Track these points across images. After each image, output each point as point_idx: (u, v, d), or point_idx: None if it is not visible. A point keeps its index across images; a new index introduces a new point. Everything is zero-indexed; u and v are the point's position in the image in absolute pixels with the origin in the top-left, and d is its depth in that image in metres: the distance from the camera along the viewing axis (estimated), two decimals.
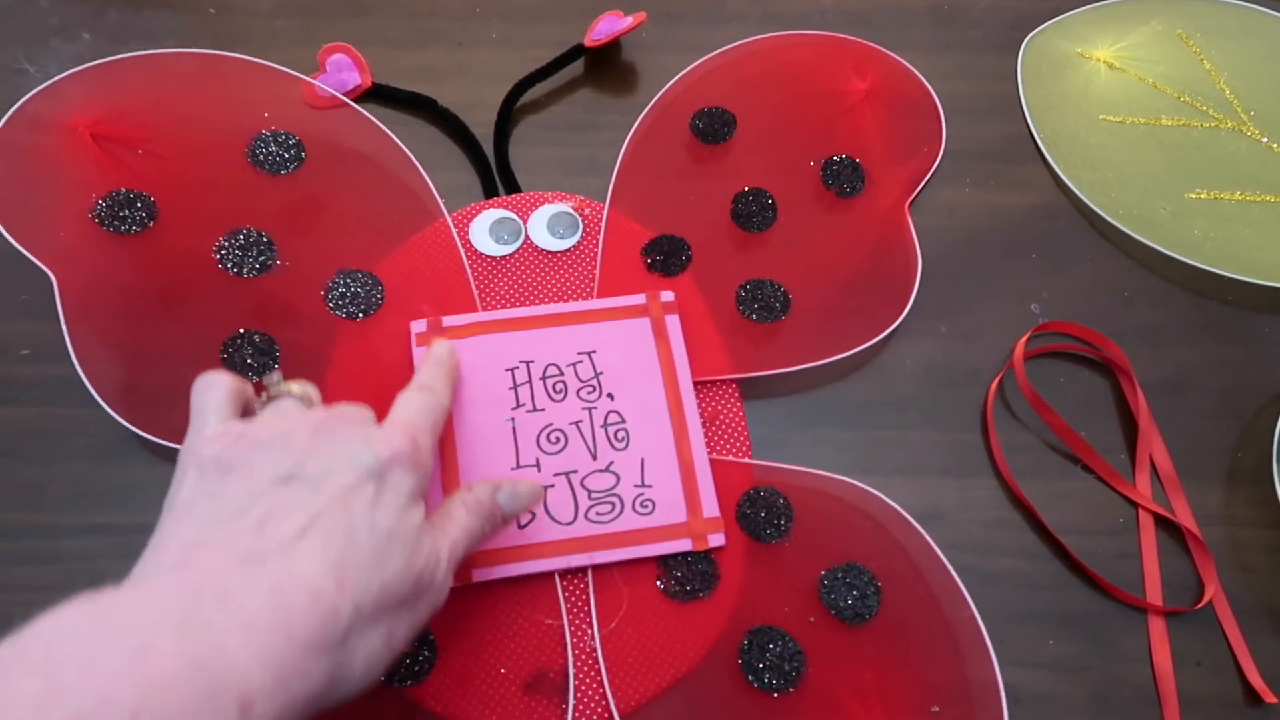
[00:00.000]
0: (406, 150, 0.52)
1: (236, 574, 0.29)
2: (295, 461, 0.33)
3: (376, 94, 0.54)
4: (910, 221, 0.52)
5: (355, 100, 0.54)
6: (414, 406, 0.38)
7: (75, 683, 0.24)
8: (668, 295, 0.48)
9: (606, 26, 0.55)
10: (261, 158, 0.50)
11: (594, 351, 0.47)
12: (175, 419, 0.43)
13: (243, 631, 0.28)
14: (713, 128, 0.54)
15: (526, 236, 0.50)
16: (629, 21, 0.55)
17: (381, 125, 0.52)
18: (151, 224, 0.47)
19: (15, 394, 0.46)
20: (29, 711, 0.24)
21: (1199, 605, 0.43)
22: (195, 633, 0.27)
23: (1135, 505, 0.46)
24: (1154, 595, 0.43)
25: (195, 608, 0.28)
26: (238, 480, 0.32)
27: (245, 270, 0.47)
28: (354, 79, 0.54)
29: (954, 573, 0.43)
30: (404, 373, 0.46)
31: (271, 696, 0.27)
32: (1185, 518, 0.45)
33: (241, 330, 0.46)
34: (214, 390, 0.36)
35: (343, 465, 0.33)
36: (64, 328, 0.44)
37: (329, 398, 0.45)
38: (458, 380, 0.44)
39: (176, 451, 0.42)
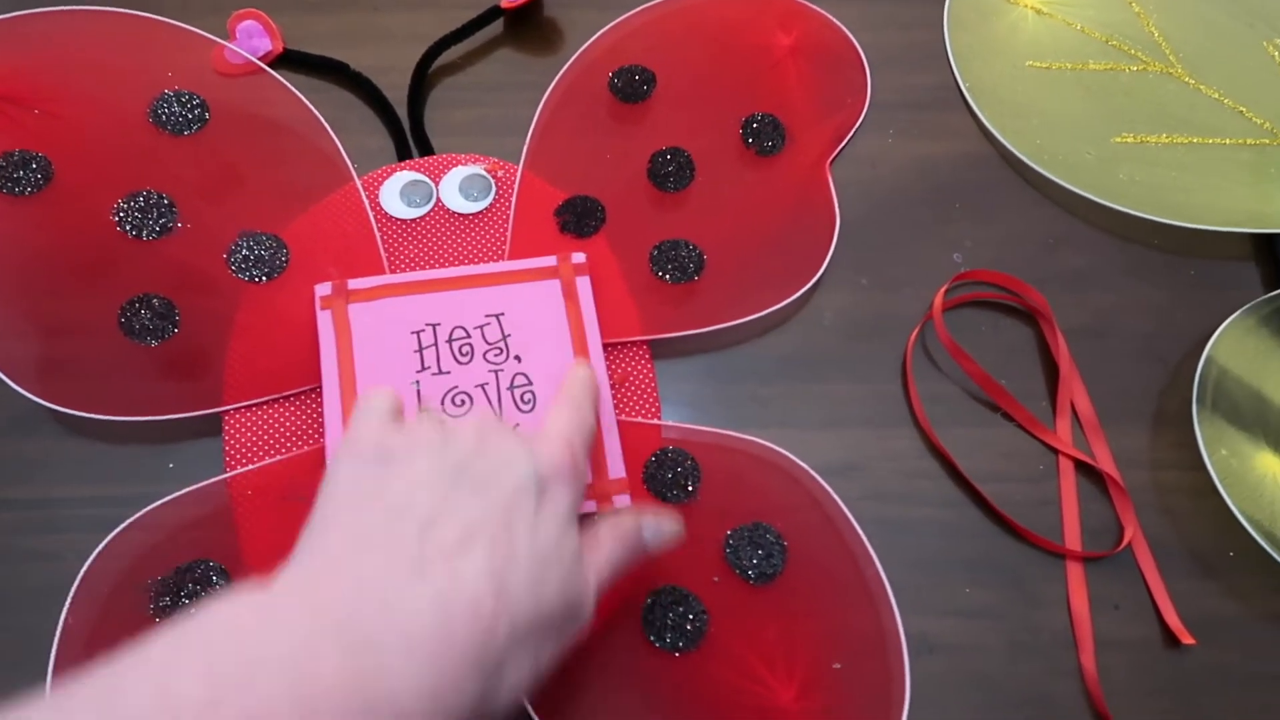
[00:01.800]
0: (317, 114, 0.51)
1: (401, 582, 0.28)
2: (460, 459, 0.32)
3: (288, 60, 0.53)
4: (830, 178, 0.51)
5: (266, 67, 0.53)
6: (569, 422, 0.36)
7: (235, 696, 0.24)
8: (578, 257, 0.47)
9: None
10: (164, 118, 0.49)
11: (502, 314, 0.46)
12: (74, 386, 0.43)
13: (404, 650, 0.27)
14: (632, 86, 0.53)
15: (438, 199, 0.49)
16: None
17: (291, 88, 0.51)
18: (47, 186, 0.47)
19: None
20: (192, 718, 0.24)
21: (1117, 549, 0.42)
22: (356, 650, 0.26)
23: (1056, 452, 0.45)
24: (1073, 541, 0.43)
25: (357, 619, 0.27)
26: (399, 472, 0.31)
27: (145, 233, 0.46)
28: (265, 45, 0.53)
29: (858, 527, 0.42)
30: (308, 336, 0.45)
31: (426, 716, 0.27)
32: (1105, 463, 0.44)
33: (140, 294, 0.45)
34: (377, 396, 0.35)
35: (507, 470, 0.32)
36: None
37: (233, 362, 0.44)
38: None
39: (81, 420, 0.42)
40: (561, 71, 0.53)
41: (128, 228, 0.46)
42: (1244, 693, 0.40)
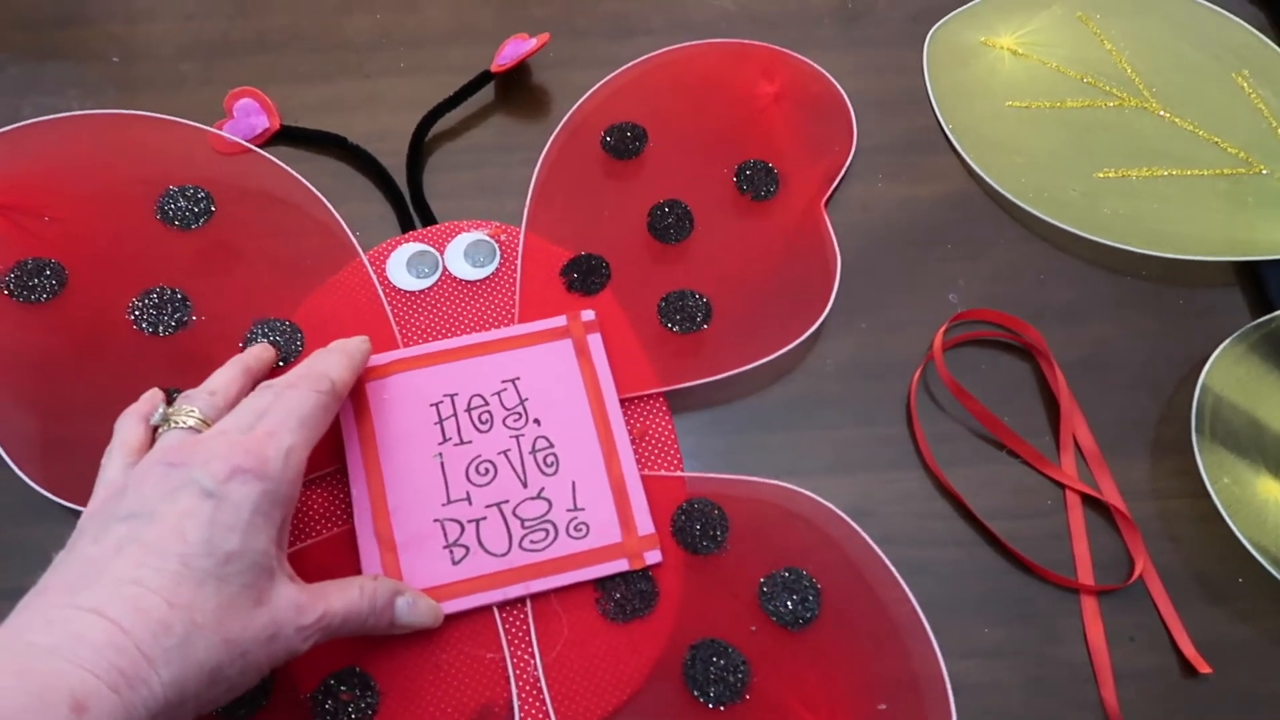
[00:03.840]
0: (316, 191, 0.51)
1: (61, 605, 0.32)
2: (134, 501, 0.35)
3: (286, 135, 0.54)
4: (827, 220, 0.52)
5: (265, 143, 0.53)
6: (276, 411, 0.38)
7: None
8: (588, 314, 0.48)
9: (512, 50, 0.55)
10: (171, 213, 0.50)
11: (518, 378, 0.47)
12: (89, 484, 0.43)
13: (67, 648, 0.30)
14: (624, 143, 0.54)
15: (444, 268, 0.50)
16: (533, 44, 0.55)
17: (288, 168, 0.52)
18: (62, 291, 0.47)
19: None
20: None
21: (1129, 582, 0.44)
22: (19, 654, 0.30)
23: (1062, 486, 0.46)
24: (1085, 575, 0.44)
25: (21, 635, 0.31)
26: (88, 537, 0.34)
27: (161, 329, 0.47)
28: (262, 123, 0.53)
29: (892, 566, 0.43)
30: None
31: (107, 700, 0.29)
32: (1111, 495, 0.46)
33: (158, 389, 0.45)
34: (110, 450, 0.39)
35: (181, 493, 0.34)
36: None
37: None
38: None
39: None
40: (554, 133, 0.54)
41: (144, 325, 0.47)
42: (1264, 716, 0.42)
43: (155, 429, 0.39)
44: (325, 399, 0.39)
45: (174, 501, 0.34)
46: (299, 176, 0.52)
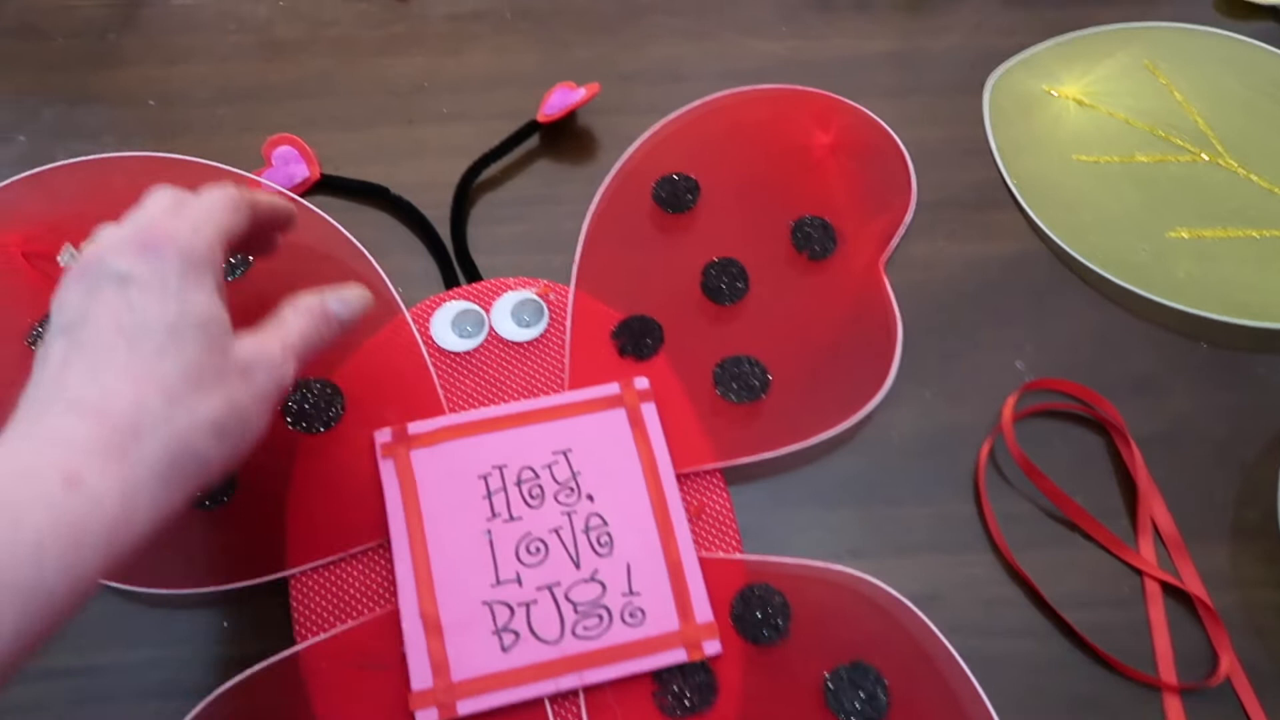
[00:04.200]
0: (358, 244, 0.49)
1: (30, 423, 0.31)
2: (62, 316, 0.33)
3: (326, 184, 0.52)
4: (887, 281, 0.50)
5: (305, 192, 0.52)
6: (182, 206, 0.36)
7: None
8: (642, 382, 0.46)
9: (559, 100, 0.53)
10: None
11: (569, 450, 0.45)
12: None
13: (49, 430, 0.30)
14: (675, 195, 0.52)
15: (490, 328, 0.48)
16: (581, 94, 0.53)
17: (329, 218, 0.50)
18: None
19: None
20: None
21: (1214, 681, 0.42)
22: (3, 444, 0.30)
23: (1140, 573, 0.44)
24: (1167, 671, 0.42)
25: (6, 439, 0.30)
26: (33, 374, 0.33)
27: None
28: (301, 171, 0.52)
29: (962, 661, 0.41)
30: (372, 488, 0.43)
31: (101, 470, 0.29)
32: (1193, 584, 0.44)
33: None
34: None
35: (100, 288, 0.33)
36: None
37: (295, 522, 0.43)
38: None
39: (135, 593, 0.40)
40: (603, 184, 0.52)
41: None
42: None
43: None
44: (236, 198, 0.37)
45: (97, 299, 0.32)
46: (340, 227, 0.50)
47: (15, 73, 0.56)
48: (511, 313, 0.48)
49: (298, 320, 0.37)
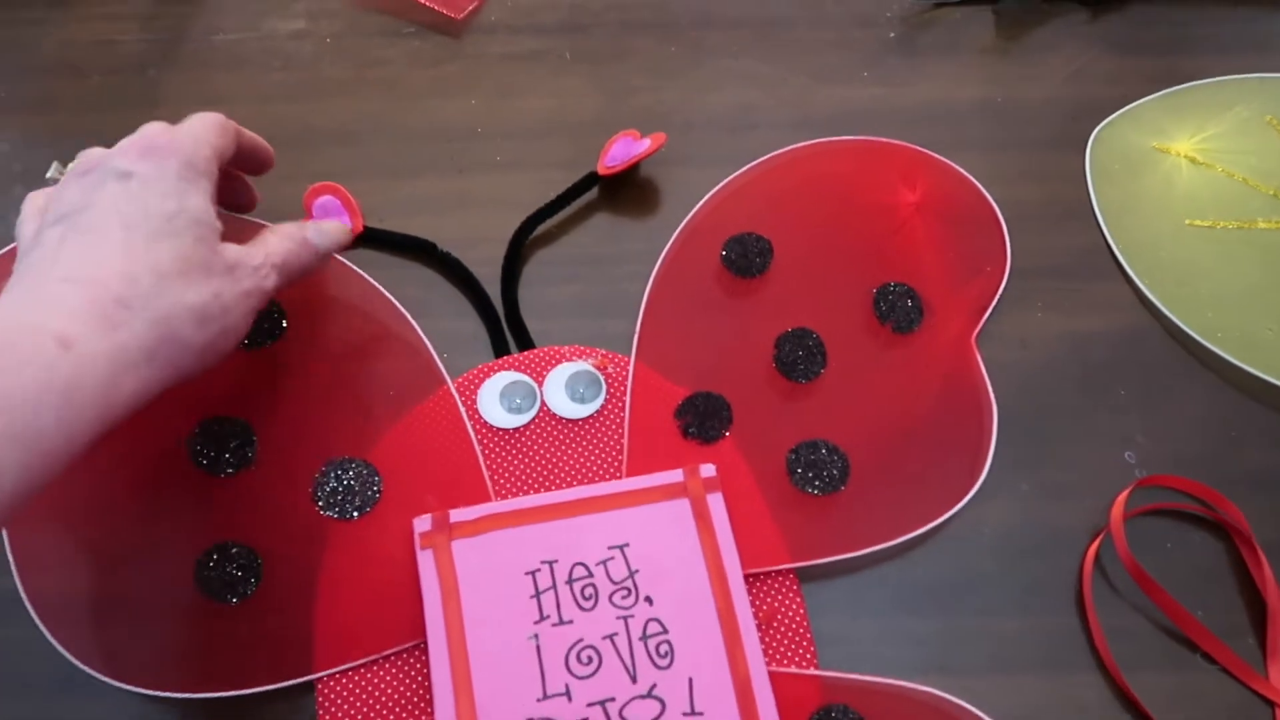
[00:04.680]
0: (400, 306, 0.46)
1: (25, 292, 0.32)
2: (61, 205, 0.34)
3: (369, 238, 0.48)
4: (979, 358, 0.45)
5: (347, 246, 0.48)
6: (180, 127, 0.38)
7: None
8: (708, 469, 0.42)
9: (621, 151, 0.49)
10: None
11: (626, 545, 0.40)
12: (140, 657, 0.37)
13: (44, 297, 0.31)
14: (746, 257, 0.48)
15: (542, 402, 0.44)
16: (646, 145, 0.49)
17: (369, 278, 0.46)
18: None
19: None
20: None
21: None
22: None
23: (1273, 705, 0.39)
24: None
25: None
26: (24, 257, 0.34)
27: (221, 469, 0.41)
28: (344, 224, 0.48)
29: None
30: (408, 582, 0.39)
31: (92, 336, 0.30)
32: None
33: (218, 542, 0.40)
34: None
35: (103, 184, 0.34)
36: (12, 564, 0.39)
37: (323, 618, 0.39)
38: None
39: (147, 696, 0.37)
40: (668, 244, 0.48)
41: (203, 462, 0.41)
42: None
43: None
44: (224, 121, 0.39)
45: (100, 191, 0.34)
46: (380, 288, 0.46)
47: (52, 112, 0.53)
48: (566, 385, 0.44)
49: (279, 241, 0.39)
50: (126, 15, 0.55)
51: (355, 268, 0.47)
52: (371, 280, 0.46)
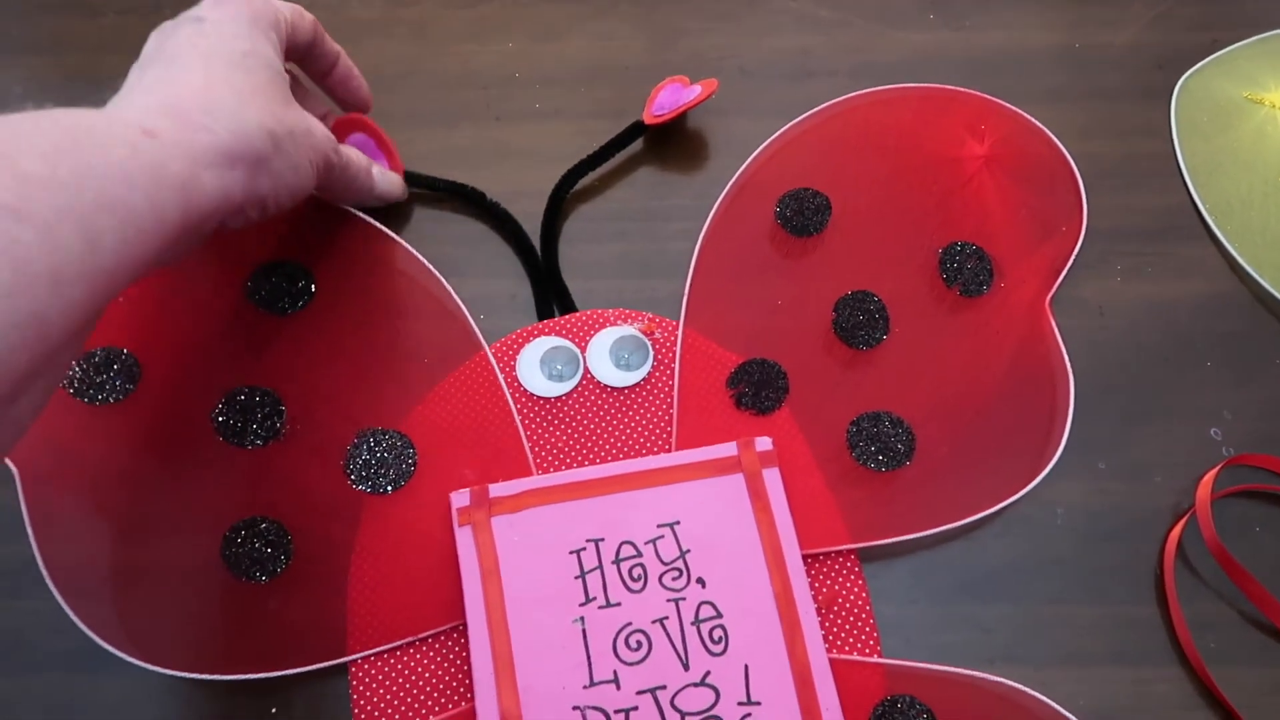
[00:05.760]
0: (433, 269, 0.43)
1: (114, 102, 0.33)
2: (144, 56, 0.35)
3: (411, 182, 0.45)
4: (1054, 325, 0.42)
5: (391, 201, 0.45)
6: None
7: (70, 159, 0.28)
8: (763, 443, 0.39)
9: (669, 98, 0.46)
10: (264, 295, 0.41)
11: (677, 522, 0.38)
12: (166, 637, 0.36)
13: (128, 104, 0.32)
14: (802, 215, 0.44)
15: (585, 369, 0.41)
16: (696, 92, 0.45)
17: (399, 239, 0.44)
18: (134, 389, 0.39)
19: None
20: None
21: None
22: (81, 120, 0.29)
23: None
24: None
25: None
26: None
27: (248, 440, 0.39)
28: (379, 164, 0.44)
29: None
30: (445, 559, 0.37)
31: (174, 131, 0.31)
32: None
33: (246, 518, 0.37)
34: None
35: (180, 29, 0.35)
36: (30, 534, 0.36)
37: (356, 598, 0.37)
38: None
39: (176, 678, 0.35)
40: (718, 200, 0.45)
41: (229, 435, 0.39)
42: None
43: None
44: (303, 11, 0.40)
45: (176, 35, 0.35)
46: (410, 247, 0.43)
47: (64, 54, 0.50)
48: (610, 351, 0.42)
49: (349, 151, 0.40)
50: None
51: (383, 227, 0.44)
52: (402, 242, 0.44)
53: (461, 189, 0.45)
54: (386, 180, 0.43)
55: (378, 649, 0.36)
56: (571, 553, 0.37)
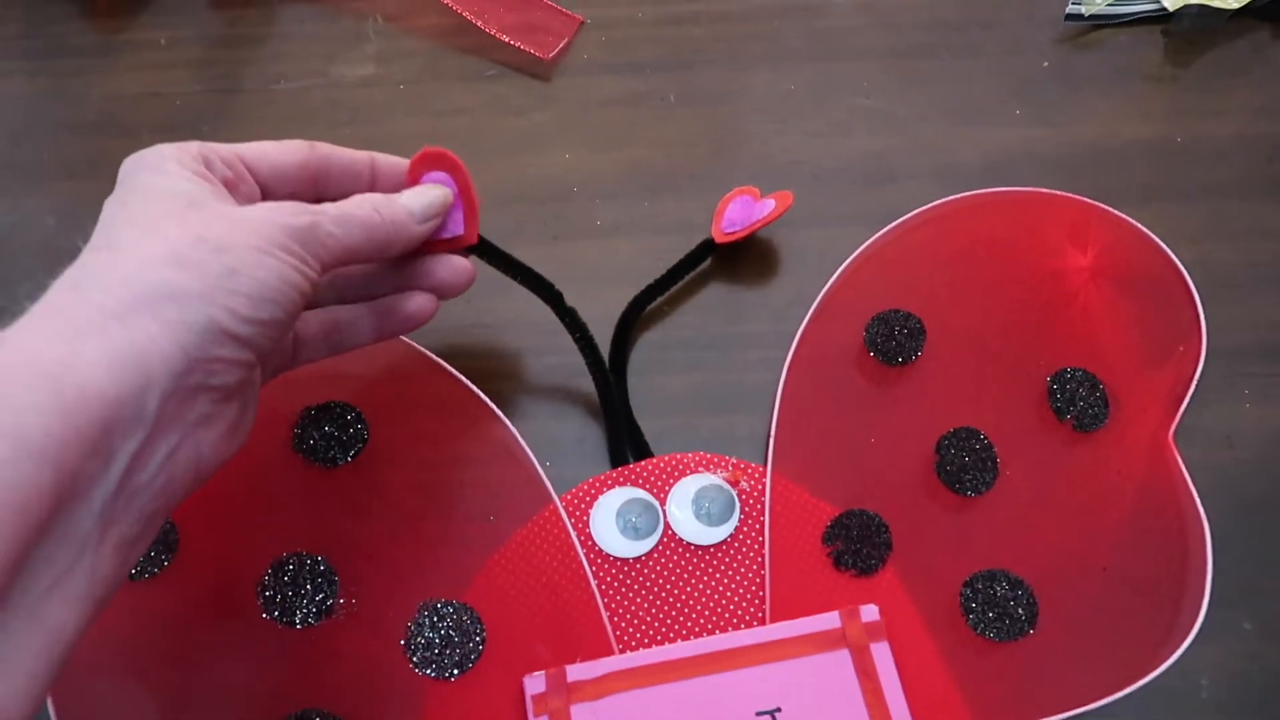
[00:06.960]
0: (495, 407, 0.39)
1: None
2: None
3: (483, 251, 0.38)
4: (1180, 462, 0.38)
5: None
6: None
7: None
8: (870, 612, 0.35)
9: (740, 214, 0.42)
10: (312, 444, 0.38)
11: (778, 710, 0.34)
12: None
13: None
14: (893, 340, 0.41)
15: (666, 524, 0.37)
16: (770, 207, 0.42)
17: (453, 370, 0.40)
18: (171, 562, 0.36)
19: None
20: None
21: None
22: None
23: None
24: None
25: None
26: None
27: (299, 618, 0.35)
28: (456, 225, 0.36)
29: None
30: None
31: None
32: None
33: (297, 711, 0.34)
34: None
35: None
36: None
37: None
38: None
39: None
40: (802, 324, 0.41)
41: (278, 613, 0.35)
42: None
43: None
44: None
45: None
46: (472, 385, 0.40)
47: (99, 178, 0.47)
48: (692, 503, 0.38)
49: (359, 203, 0.32)
50: (177, 63, 0.50)
51: (440, 360, 0.40)
52: (456, 374, 0.40)
53: (539, 281, 0.38)
54: (426, 196, 0.34)
55: None
56: None
